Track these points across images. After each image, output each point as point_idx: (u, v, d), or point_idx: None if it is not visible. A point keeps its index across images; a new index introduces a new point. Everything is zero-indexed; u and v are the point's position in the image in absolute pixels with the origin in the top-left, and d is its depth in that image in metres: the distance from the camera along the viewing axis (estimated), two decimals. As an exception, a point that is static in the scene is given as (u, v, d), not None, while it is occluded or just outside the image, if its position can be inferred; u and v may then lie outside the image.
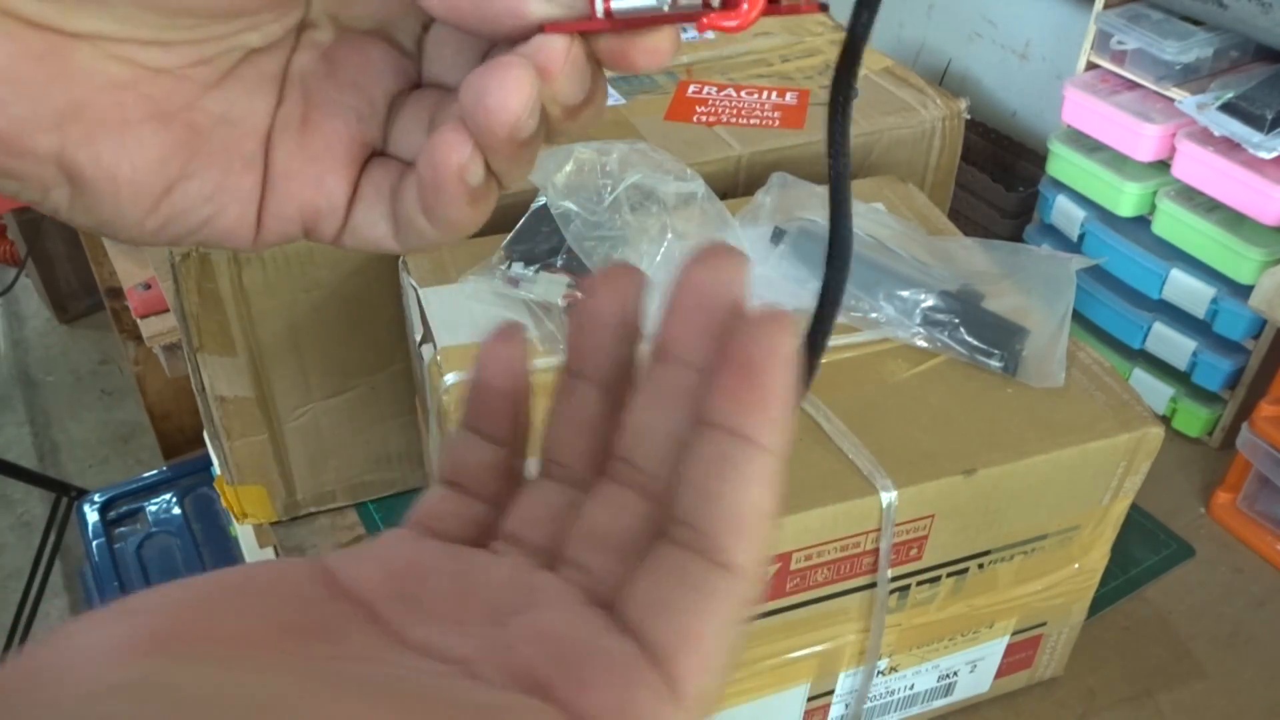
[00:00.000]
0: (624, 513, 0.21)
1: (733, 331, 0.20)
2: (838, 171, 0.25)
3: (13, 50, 0.21)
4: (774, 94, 0.86)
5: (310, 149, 0.25)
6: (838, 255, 0.23)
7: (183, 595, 0.19)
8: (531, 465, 0.25)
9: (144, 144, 0.23)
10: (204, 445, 0.90)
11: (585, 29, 0.23)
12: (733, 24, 0.23)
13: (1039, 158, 1.08)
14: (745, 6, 0.23)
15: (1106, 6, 0.97)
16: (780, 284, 0.66)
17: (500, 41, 0.24)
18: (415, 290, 0.65)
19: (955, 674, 0.67)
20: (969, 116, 0.85)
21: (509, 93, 0.22)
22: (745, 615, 0.19)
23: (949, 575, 0.60)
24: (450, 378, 0.60)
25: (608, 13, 0.23)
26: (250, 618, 0.19)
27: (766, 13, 0.23)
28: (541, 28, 0.23)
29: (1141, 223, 0.97)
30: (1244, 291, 0.88)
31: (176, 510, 1.42)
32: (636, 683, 0.18)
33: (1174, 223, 0.93)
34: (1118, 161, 0.96)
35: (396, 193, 0.25)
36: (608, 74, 0.25)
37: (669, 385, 0.21)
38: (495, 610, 0.21)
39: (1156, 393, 0.98)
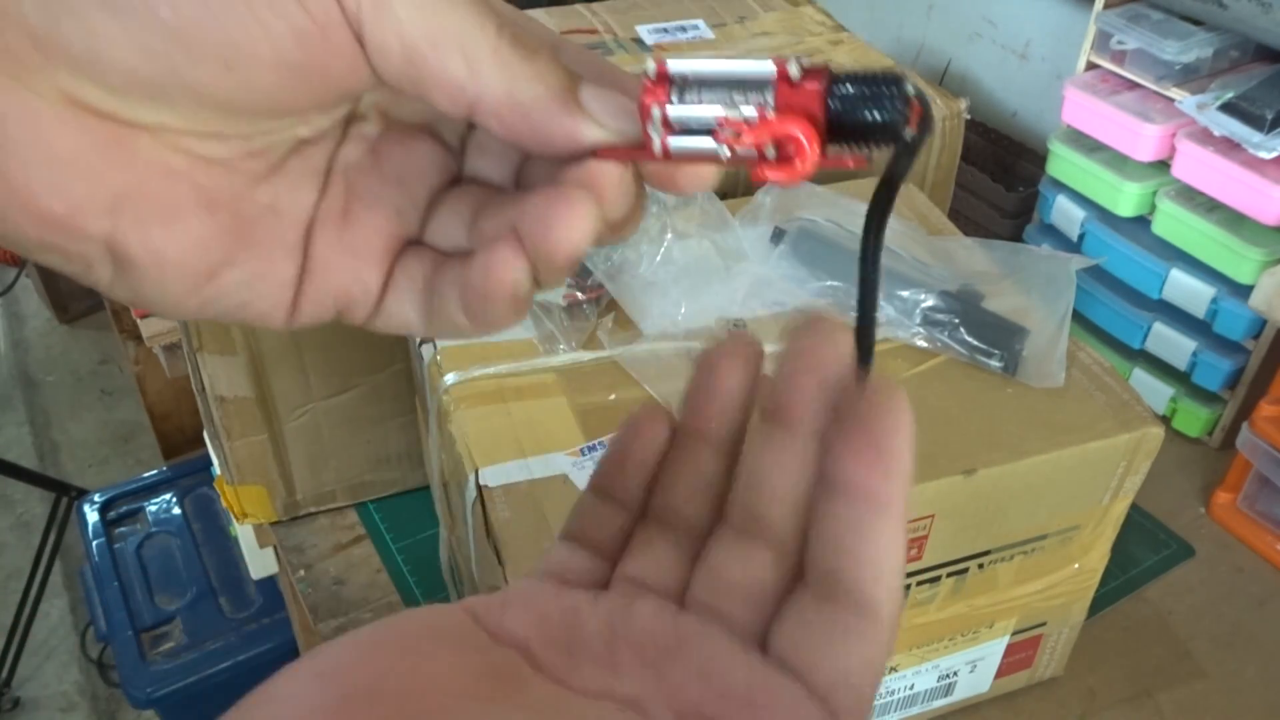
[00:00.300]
0: (753, 563, 0.24)
1: (853, 399, 0.22)
2: (867, 279, 0.26)
3: (78, 138, 0.22)
4: (774, 94, 0.86)
5: (349, 241, 0.26)
6: (864, 353, 0.24)
7: (366, 650, 0.21)
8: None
9: (192, 231, 0.24)
10: (204, 445, 0.90)
11: (638, 158, 0.24)
12: (785, 177, 0.23)
13: (1039, 158, 1.08)
14: (798, 164, 0.23)
15: (1106, 6, 0.97)
16: (780, 284, 0.66)
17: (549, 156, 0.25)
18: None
19: (955, 674, 0.67)
20: (969, 116, 0.85)
21: (574, 228, 0.23)
22: (888, 657, 0.22)
23: (949, 575, 0.60)
24: (450, 378, 0.60)
25: (665, 151, 0.24)
26: (441, 667, 0.21)
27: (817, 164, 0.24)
28: (595, 152, 0.24)
29: (1141, 223, 0.97)
30: (1244, 291, 0.88)
31: (176, 510, 1.42)
32: (804, 718, 0.21)
33: (1174, 223, 0.93)
34: (1118, 161, 0.96)
35: (431, 284, 0.26)
36: None
37: (788, 447, 0.23)
38: (647, 652, 0.23)
39: (1156, 393, 0.97)
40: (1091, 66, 0.99)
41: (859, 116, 0.23)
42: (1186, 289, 0.93)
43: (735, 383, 0.25)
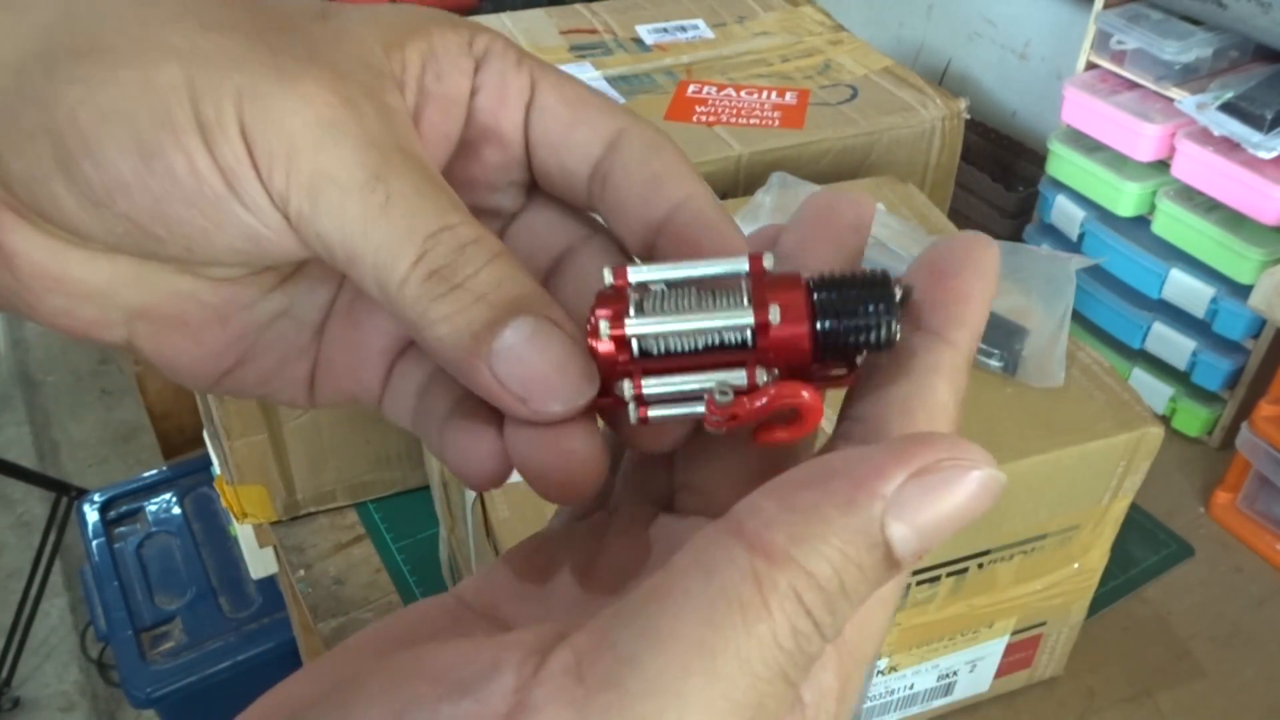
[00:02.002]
0: (741, 453, 0.24)
1: (940, 250, 0.22)
2: None
3: (84, 268, 0.23)
4: (774, 94, 0.86)
5: (351, 339, 0.26)
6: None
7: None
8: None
9: (201, 343, 0.24)
10: (204, 445, 0.90)
11: (605, 409, 0.23)
12: (792, 437, 0.22)
13: (1039, 158, 1.08)
14: (807, 423, 0.21)
15: (1106, 6, 0.97)
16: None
17: None
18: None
19: (955, 674, 0.67)
20: (969, 116, 0.86)
21: (571, 485, 0.22)
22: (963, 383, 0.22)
23: (948, 575, 0.60)
24: (450, 377, 0.60)
25: (643, 420, 0.22)
26: (412, 617, 0.22)
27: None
28: None
29: (1141, 222, 0.97)
30: (1243, 291, 0.88)
31: (176, 510, 1.42)
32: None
33: (1174, 223, 0.93)
34: (1117, 161, 0.96)
35: (425, 390, 0.25)
36: (608, 73, 0.25)
37: None
38: (619, 576, 0.23)
39: (1156, 392, 0.98)
40: (1091, 66, 0.99)
41: (850, 343, 0.21)
42: (1186, 289, 0.93)
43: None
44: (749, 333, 0.21)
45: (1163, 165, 0.94)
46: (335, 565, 0.79)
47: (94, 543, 1.37)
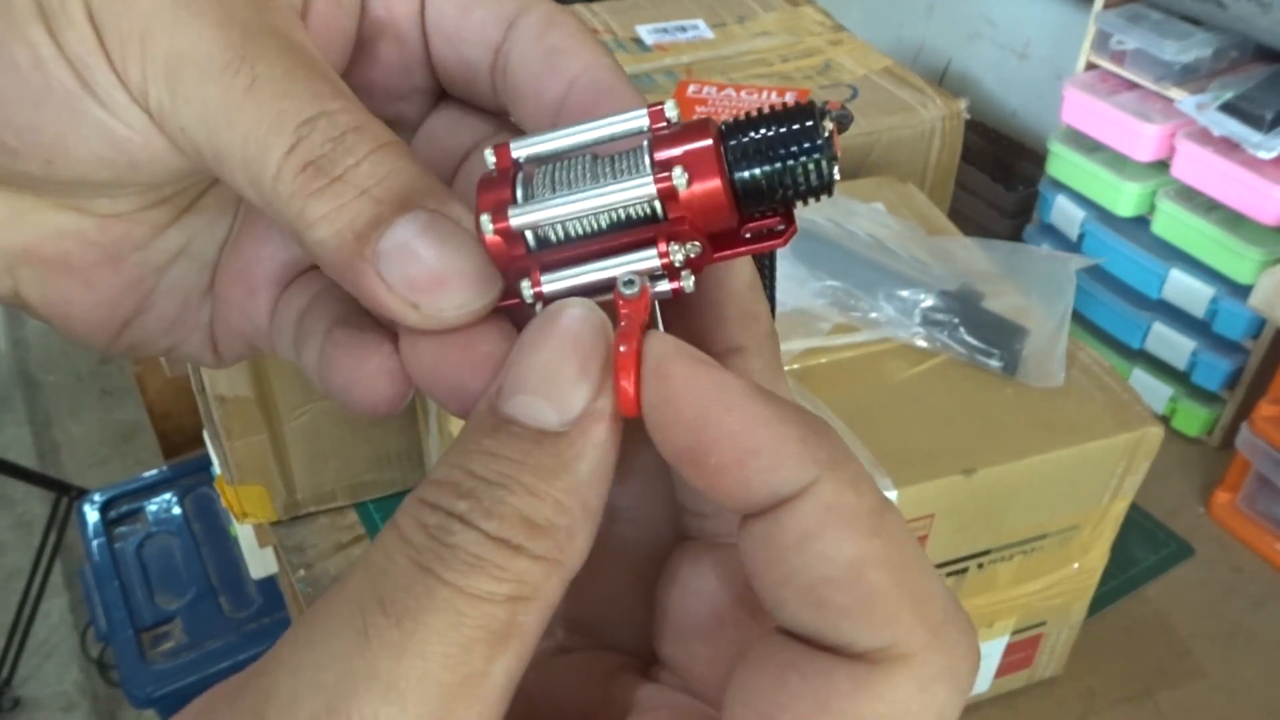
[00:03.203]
0: None
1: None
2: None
3: None
4: (774, 94, 0.86)
5: (238, 271, 0.23)
6: None
7: None
8: None
9: (93, 288, 0.22)
10: (204, 445, 0.90)
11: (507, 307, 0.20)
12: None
13: (1039, 158, 1.08)
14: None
15: (1106, 6, 0.97)
16: (779, 283, 0.66)
17: None
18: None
19: (955, 673, 0.67)
20: (969, 116, 0.86)
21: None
22: None
23: (949, 575, 0.60)
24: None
25: (541, 300, 0.19)
26: None
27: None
28: None
29: (1141, 223, 0.97)
30: (1243, 291, 0.88)
31: (176, 510, 1.42)
32: None
33: (1173, 223, 0.93)
34: (1117, 161, 0.96)
35: (305, 312, 0.22)
36: None
37: None
38: None
39: (1156, 392, 0.98)
40: (1091, 66, 0.99)
41: (780, 194, 0.18)
42: (1186, 289, 0.93)
43: None
44: (655, 204, 0.18)
45: (1163, 165, 0.94)
46: (335, 565, 0.79)
47: (94, 543, 1.37)
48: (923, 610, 0.16)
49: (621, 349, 0.17)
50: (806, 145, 0.18)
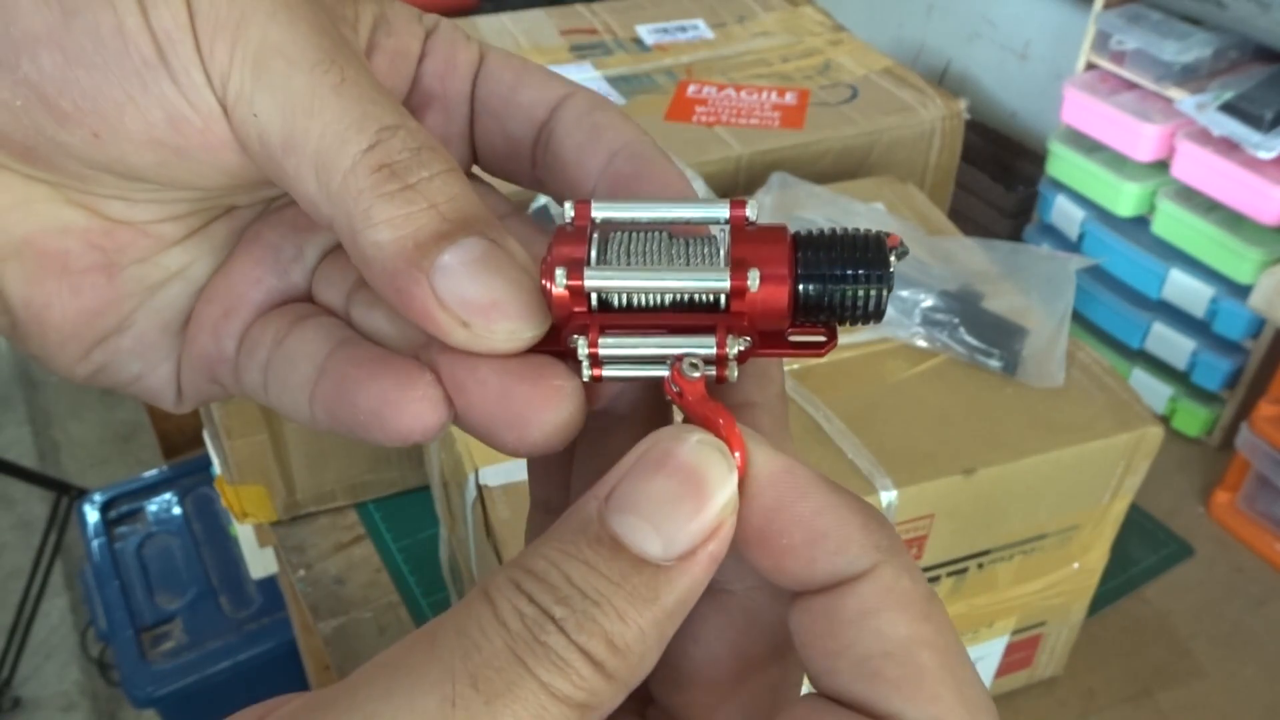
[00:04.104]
0: None
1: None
2: None
3: None
4: (774, 94, 0.86)
5: (220, 290, 0.22)
6: None
7: None
8: None
9: (80, 294, 0.21)
10: (204, 445, 0.91)
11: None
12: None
13: (1039, 158, 1.08)
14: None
15: (1106, 6, 0.97)
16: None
17: None
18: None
19: (955, 673, 0.67)
20: (969, 116, 0.86)
21: (551, 426, 0.20)
22: None
23: (949, 575, 0.60)
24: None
25: (597, 379, 0.19)
26: None
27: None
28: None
29: (1141, 223, 0.97)
30: (1243, 291, 0.88)
31: (177, 510, 1.42)
32: None
33: (1173, 223, 0.93)
34: (1117, 161, 0.96)
35: (290, 335, 0.22)
36: (608, 73, 0.24)
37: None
38: None
39: (1156, 392, 0.98)
40: (1091, 66, 0.99)
41: (835, 312, 0.20)
42: (1186, 289, 0.93)
43: None
44: (722, 296, 0.19)
45: (1162, 165, 0.94)
46: (335, 565, 0.79)
47: (94, 543, 1.37)
48: (964, 693, 0.17)
49: (721, 421, 0.18)
50: (874, 274, 0.19)
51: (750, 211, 0.19)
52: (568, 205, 0.20)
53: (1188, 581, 0.82)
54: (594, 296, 0.19)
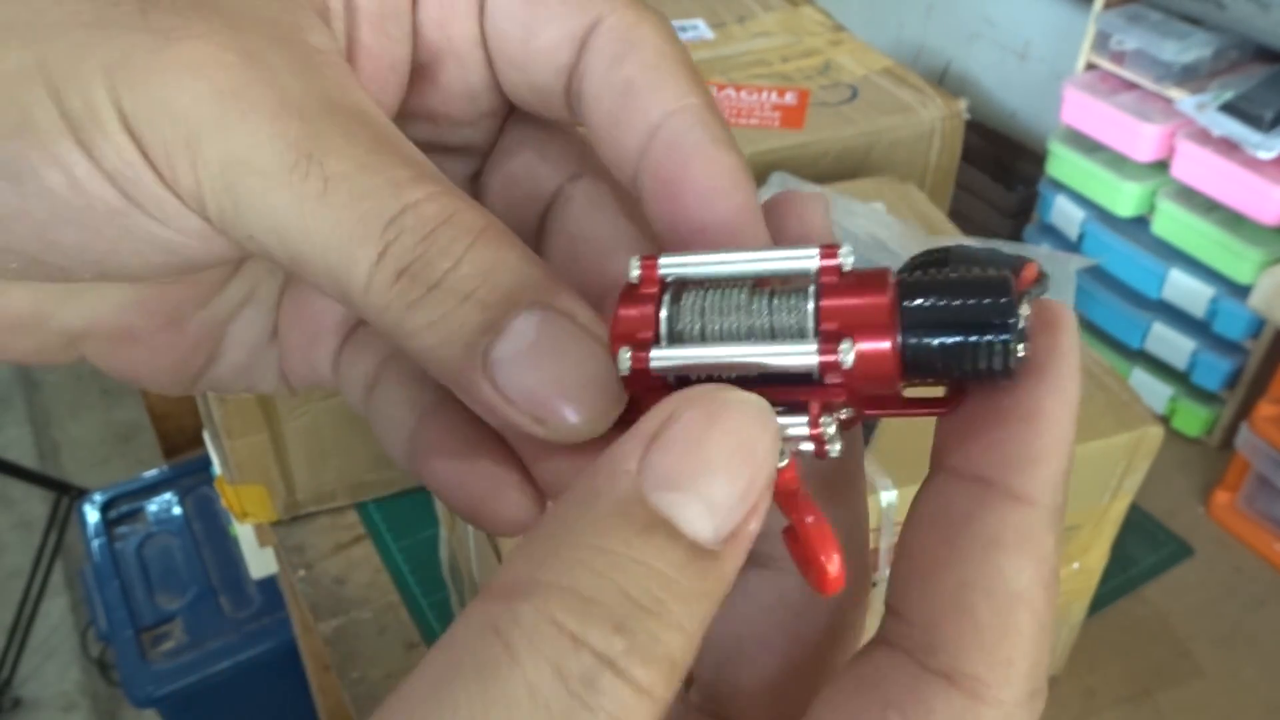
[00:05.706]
0: None
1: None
2: None
3: (9, 299, 0.19)
4: (774, 94, 0.86)
5: (298, 318, 0.22)
6: None
7: None
8: None
9: (159, 353, 0.21)
10: (204, 445, 0.91)
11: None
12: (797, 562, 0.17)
13: (1038, 158, 1.08)
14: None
15: (1106, 6, 0.97)
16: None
17: None
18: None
19: (955, 673, 0.67)
20: (969, 116, 0.86)
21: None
22: None
23: (948, 575, 0.60)
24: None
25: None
26: None
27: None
28: None
29: (1141, 223, 0.97)
30: (1243, 291, 0.88)
31: (177, 510, 1.42)
32: None
33: (1173, 223, 0.93)
34: (1117, 161, 0.96)
35: (377, 384, 0.21)
36: None
37: None
38: None
39: (1156, 392, 0.98)
40: (1091, 67, 0.99)
41: (952, 370, 0.16)
42: (1186, 289, 0.93)
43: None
44: (814, 370, 0.16)
45: (1162, 165, 0.94)
46: (335, 565, 0.79)
47: (94, 543, 1.37)
48: (1036, 671, 0.16)
49: (809, 520, 0.16)
50: (996, 323, 0.16)
51: (845, 261, 0.16)
52: (633, 262, 0.17)
53: (1187, 581, 0.82)
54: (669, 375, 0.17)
